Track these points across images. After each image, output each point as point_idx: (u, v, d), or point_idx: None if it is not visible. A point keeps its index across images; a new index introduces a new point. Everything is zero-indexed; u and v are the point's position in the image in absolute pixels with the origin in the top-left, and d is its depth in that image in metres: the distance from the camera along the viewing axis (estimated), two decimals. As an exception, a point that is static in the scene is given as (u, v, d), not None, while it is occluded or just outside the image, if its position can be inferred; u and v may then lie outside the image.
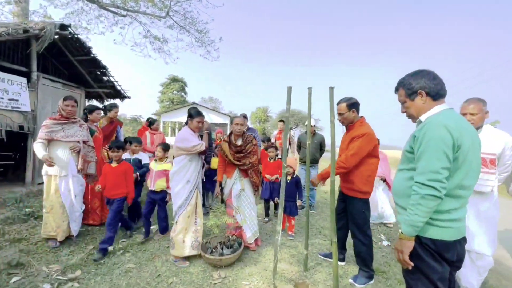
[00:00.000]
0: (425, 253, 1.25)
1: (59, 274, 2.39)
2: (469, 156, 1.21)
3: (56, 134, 2.90)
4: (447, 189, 1.18)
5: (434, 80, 1.33)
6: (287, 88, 2.17)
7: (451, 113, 1.29)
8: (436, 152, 1.18)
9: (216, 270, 2.57)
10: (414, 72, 1.41)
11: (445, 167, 1.17)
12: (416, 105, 1.38)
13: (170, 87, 42.74)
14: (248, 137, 3.09)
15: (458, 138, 1.18)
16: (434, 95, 1.33)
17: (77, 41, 5.08)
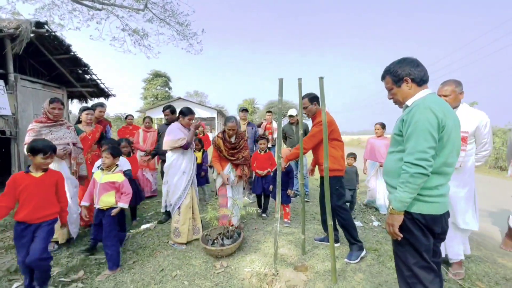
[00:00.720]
0: (414, 227, 1.36)
1: (62, 276, 2.40)
2: (452, 136, 1.31)
3: (45, 137, 2.79)
4: (434, 167, 1.29)
5: (418, 67, 1.42)
6: (278, 80, 2.22)
7: (434, 97, 1.39)
8: (423, 133, 1.27)
9: (218, 260, 2.65)
10: (398, 60, 1.49)
11: (431, 147, 1.26)
12: (402, 91, 1.47)
13: (153, 82, 41.62)
14: (241, 134, 3.31)
15: (442, 119, 1.27)
16: (418, 81, 1.42)
17: (55, 39, 4.86)
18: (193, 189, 3.10)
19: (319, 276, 2.35)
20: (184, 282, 2.32)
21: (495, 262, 2.69)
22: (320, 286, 2.20)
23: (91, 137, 3.50)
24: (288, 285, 2.17)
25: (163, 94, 41.63)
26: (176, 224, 2.97)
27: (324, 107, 2.18)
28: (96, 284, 2.30)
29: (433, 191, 1.33)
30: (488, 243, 3.30)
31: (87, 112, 3.48)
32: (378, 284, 2.24)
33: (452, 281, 2.32)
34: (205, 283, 2.29)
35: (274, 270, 2.34)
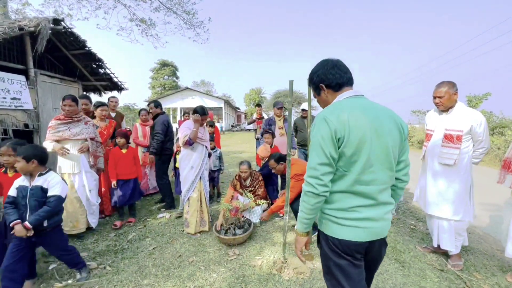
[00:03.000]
0: (331, 251, 1.19)
1: (91, 260, 2.66)
2: (365, 148, 1.09)
3: (63, 134, 3.00)
4: (344, 185, 1.13)
5: (332, 69, 1.24)
6: (289, 82, 2.34)
7: (346, 103, 1.17)
8: (316, 148, 1.13)
9: (231, 248, 2.87)
10: (316, 64, 1.33)
11: (322, 163, 1.11)
12: (322, 99, 1.33)
13: (160, 72, 41.83)
14: (255, 175, 3.61)
15: (338, 130, 1.08)
16: (334, 86, 1.24)
17: (71, 35, 5.03)
18: (202, 184, 3.25)
19: (325, 264, 2.54)
20: (200, 267, 2.55)
21: (493, 255, 2.82)
22: (325, 273, 2.40)
23: (106, 132, 3.70)
24: (296, 271, 2.37)
25: (170, 83, 41.86)
26: (186, 214, 3.21)
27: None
28: (121, 267, 2.56)
29: (348, 214, 1.13)
30: (488, 236, 3.41)
31: (101, 108, 3.65)
32: (379, 273, 2.41)
33: (450, 271, 2.47)
34: (219, 269, 2.51)
35: (283, 258, 2.54)
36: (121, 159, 3.45)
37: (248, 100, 50.00)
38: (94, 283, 2.30)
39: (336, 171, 1.15)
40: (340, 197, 1.15)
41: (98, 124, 3.65)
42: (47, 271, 2.46)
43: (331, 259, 1.19)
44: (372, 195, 1.13)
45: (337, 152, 1.11)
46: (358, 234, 1.13)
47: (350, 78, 1.26)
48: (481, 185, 2.72)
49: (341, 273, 1.17)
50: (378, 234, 1.16)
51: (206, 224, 3.27)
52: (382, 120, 1.14)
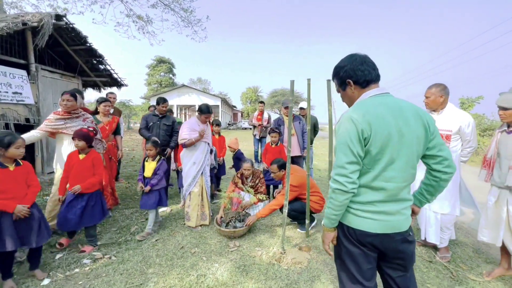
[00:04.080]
0: (345, 239, 1.25)
1: (96, 251, 2.75)
2: (389, 147, 1.13)
3: (58, 128, 2.91)
4: (365, 181, 1.17)
5: (361, 65, 1.23)
6: (290, 81, 2.46)
7: (372, 101, 1.19)
8: (343, 147, 1.15)
9: (231, 241, 2.99)
10: (342, 59, 1.31)
11: (351, 162, 1.14)
12: (347, 95, 1.32)
13: (157, 69, 41.56)
14: (256, 173, 3.70)
15: (364, 130, 1.11)
16: (361, 83, 1.24)
17: (73, 31, 5.07)
18: (203, 179, 3.35)
19: (321, 255, 2.68)
20: (202, 257, 2.66)
21: (479, 248, 3.00)
22: (321, 263, 2.53)
23: (108, 128, 3.78)
24: (293, 261, 2.50)
25: (167, 80, 41.62)
26: (187, 208, 3.32)
27: (331, 107, 2.43)
28: (126, 257, 2.65)
29: (365, 206, 1.19)
30: (474, 231, 3.60)
31: (104, 104, 3.72)
32: (372, 263, 2.56)
33: (438, 263, 2.63)
34: (221, 259, 2.63)
35: (282, 249, 2.67)
36: (75, 166, 2.64)
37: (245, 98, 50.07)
38: (101, 271, 2.39)
39: (362, 167, 1.18)
40: (360, 191, 1.19)
41: (101, 119, 3.72)
42: (54, 260, 2.55)
43: (344, 245, 1.26)
44: (391, 191, 1.17)
45: (363, 150, 1.14)
46: (373, 225, 1.18)
47: (378, 75, 1.25)
48: (470, 184, 2.89)
49: (351, 260, 1.24)
50: (394, 227, 1.18)
51: (206, 218, 3.38)
52: (407, 119, 1.15)
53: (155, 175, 3.14)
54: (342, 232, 1.28)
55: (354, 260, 1.24)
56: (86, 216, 2.64)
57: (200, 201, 3.32)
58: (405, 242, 1.22)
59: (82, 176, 2.65)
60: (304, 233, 3.15)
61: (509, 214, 2.20)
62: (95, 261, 2.55)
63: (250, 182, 3.59)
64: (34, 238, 2.14)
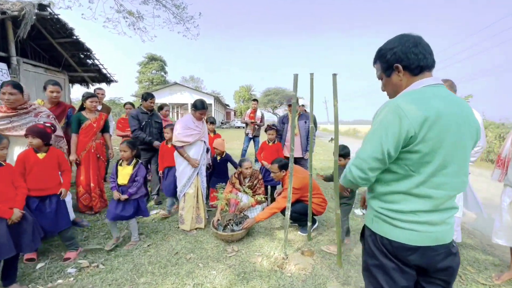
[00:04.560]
0: (378, 251, 1.08)
1: (82, 258, 2.52)
2: (443, 149, 0.95)
3: (5, 131, 2.46)
4: (408, 187, 1.00)
5: (415, 48, 1.03)
6: (293, 75, 2.30)
7: (426, 92, 1.00)
8: (374, 139, 1.01)
9: (229, 245, 2.81)
10: (391, 39, 1.11)
11: (375, 158, 1.01)
12: (392, 82, 1.11)
13: (148, 66, 40.85)
14: (255, 174, 3.52)
15: (413, 126, 0.92)
16: (413, 69, 1.04)
17: (58, 22, 4.76)
18: (199, 179, 3.16)
19: (325, 260, 2.53)
20: (198, 264, 2.48)
21: (485, 250, 2.92)
22: (326, 269, 2.39)
23: (96, 125, 3.51)
24: (297, 267, 2.35)
25: (158, 78, 40.98)
26: (182, 211, 3.12)
27: (337, 103, 2.28)
28: (116, 265, 2.44)
29: (405, 216, 1.01)
30: (479, 232, 3.54)
31: (91, 99, 3.44)
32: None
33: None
34: (218, 266, 2.45)
35: (284, 254, 2.51)
36: (35, 167, 2.29)
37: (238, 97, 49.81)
38: (87, 282, 2.18)
39: (399, 168, 1.01)
40: (400, 198, 1.02)
41: (88, 116, 3.46)
42: (34, 271, 2.31)
43: (375, 257, 1.09)
44: (439, 200, 0.99)
45: (398, 151, 0.98)
46: (413, 237, 1.00)
47: (434, 61, 1.06)
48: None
49: (383, 275, 1.07)
50: (437, 239, 1.01)
51: (202, 221, 3.19)
52: (467, 117, 1.00)
53: (133, 182, 2.71)
54: (373, 241, 1.11)
55: (388, 275, 1.06)
56: (54, 222, 2.38)
57: (195, 203, 3.13)
58: (450, 255, 1.05)
59: (49, 177, 2.37)
60: (305, 236, 3.00)
61: (524, 216, 2.10)
62: (80, 270, 2.33)
63: (248, 182, 3.42)
64: (29, 242, 2.07)
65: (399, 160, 1.01)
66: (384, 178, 1.07)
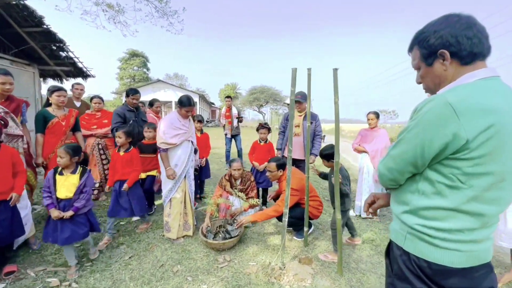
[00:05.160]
0: (412, 275, 0.92)
1: (52, 275, 2.21)
2: (502, 159, 0.78)
3: None
4: (457, 203, 0.82)
5: (468, 30, 0.83)
6: (291, 69, 2.11)
7: (481, 87, 0.80)
8: (412, 140, 0.87)
9: (220, 254, 2.59)
10: (436, 20, 0.90)
11: (408, 162, 0.89)
12: (435, 73, 0.91)
13: (130, 62, 39.29)
14: (247, 175, 3.29)
15: (468, 130, 0.75)
16: (464, 56, 0.84)
17: (25, 9, 4.27)
18: (187, 183, 2.91)
19: (325, 268, 2.37)
20: (187, 277, 2.24)
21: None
22: (327, 278, 2.23)
23: (65, 123, 3.10)
24: (296, 278, 2.17)
25: (140, 75, 39.54)
26: (167, 218, 2.85)
27: (338, 100, 2.11)
28: (91, 282, 2.15)
29: (450, 235, 0.84)
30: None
31: (58, 94, 3.00)
32: (380, 274, 2.31)
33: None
34: (209, 278, 2.23)
35: (281, 263, 2.33)
36: None
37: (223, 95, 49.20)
38: (56, 305, 1.88)
39: (445, 178, 0.83)
40: (445, 215, 0.84)
41: (55, 113, 3.04)
42: None
43: (408, 281, 0.93)
44: (489, 218, 0.83)
45: (440, 158, 0.82)
46: (457, 258, 0.84)
47: (490, 48, 0.86)
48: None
49: None
50: (480, 258, 0.86)
51: (190, 228, 2.94)
52: None
53: (80, 194, 2.22)
54: (405, 263, 0.93)
55: None
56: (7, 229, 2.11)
57: (183, 208, 2.87)
58: (491, 273, 0.89)
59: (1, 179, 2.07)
60: (301, 241, 2.83)
61: (528, 218, 2.04)
62: (50, 291, 2.02)
63: (240, 185, 3.20)
64: None
65: (445, 168, 0.83)
66: (423, 189, 0.89)
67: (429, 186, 0.88)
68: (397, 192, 1.01)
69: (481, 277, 0.87)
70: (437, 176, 0.86)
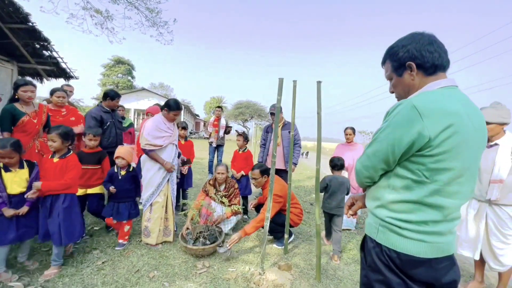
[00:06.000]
0: (384, 266, 0.99)
1: (16, 279, 2.06)
2: (461, 156, 0.89)
3: None
4: (420, 195, 0.92)
5: (430, 45, 0.97)
6: (278, 79, 2.23)
7: (443, 94, 0.92)
8: (385, 139, 0.96)
9: (199, 260, 2.54)
10: (403, 37, 1.05)
11: (381, 160, 0.98)
12: (404, 82, 1.04)
13: (114, 69, 38.59)
14: (231, 182, 3.31)
15: (432, 129, 0.86)
16: (428, 68, 0.98)
17: (10, 5, 4.18)
18: (169, 187, 2.87)
19: (303, 274, 2.40)
20: (163, 283, 2.17)
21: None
22: (305, 285, 2.25)
23: (37, 120, 2.86)
24: (275, 284, 2.17)
25: (125, 82, 38.83)
26: (147, 222, 2.77)
27: (320, 111, 2.25)
28: (60, 287, 2.03)
29: (416, 226, 0.93)
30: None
31: (24, 88, 2.71)
32: (356, 281, 2.37)
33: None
34: (187, 284, 2.17)
35: (261, 269, 2.32)
36: None
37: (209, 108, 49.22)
38: (19, 310, 1.75)
39: (412, 174, 0.93)
40: (411, 208, 0.94)
41: (24, 110, 2.77)
42: None
43: (380, 272, 1.00)
44: (450, 210, 0.93)
45: (407, 154, 0.93)
46: (423, 249, 0.92)
47: (448, 61, 1.00)
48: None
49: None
50: (444, 250, 0.95)
51: (170, 234, 2.87)
52: (481, 122, 0.95)
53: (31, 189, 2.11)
54: (378, 254, 1.00)
55: None
56: None
57: (164, 213, 2.81)
58: (453, 266, 0.98)
59: None
60: (281, 249, 2.85)
61: (488, 228, 2.22)
62: (12, 296, 1.88)
63: (223, 191, 3.20)
64: None
65: (412, 164, 0.93)
66: (393, 185, 0.98)
67: (398, 181, 0.97)
68: (371, 189, 1.11)
69: (445, 269, 0.95)
70: (405, 172, 0.95)
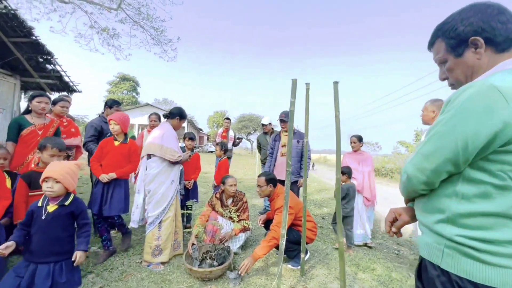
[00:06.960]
0: None
1: None
2: None
3: None
4: (506, 206, 0.69)
5: (501, 15, 0.76)
6: (291, 80, 2.04)
7: None
8: (448, 131, 0.75)
9: (206, 284, 2.26)
10: (458, 10, 0.84)
11: (446, 159, 0.74)
12: (466, 63, 0.82)
13: (119, 86, 39.39)
14: (239, 195, 3.05)
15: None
16: (500, 42, 0.77)
17: (14, 18, 4.16)
18: (178, 199, 2.74)
19: (325, 301, 2.10)
20: (166, 313, 1.89)
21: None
22: (329, 313, 1.94)
23: (42, 132, 2.71)
24: (294, 313, 1.87)
25: (129, 99, 39.51)
26: (157, 241, 2.53)
27: (338, 113, 2.04)
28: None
29: (504, 248, 0.68)
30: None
31: (39, 99, 2.66)
32: (387, 308, 2.05)
33: None
34: (192, 314, 1.89)
35: (277, 295, 2.03)
36: None
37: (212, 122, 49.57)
38: None
39: (491, 177, 0.70)
40: (492, 223, 0.69)
41: (33, 121, 2.68)
42: None
43: None
44: None
45: (485, 152, 0.70)
46: (510, 278, 0.67)
47: None
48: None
49: None
50: None
51: (180, 246, 2.75)
52: None
53: None
54: (445, 285, 0.75)
55: None
56: None
57: (174, 227, 2.65)
58: None
59: None
60: (297, 270, 2.55)
61: None
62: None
63: (231, 205, 2.94)
64: None
65: (492, 164, 0.70)
66: (462, 192, 0.74)
67: (471, 188, 0.73)
68: (427, 199, 0.85)
69: None
70: (482, 175, 0.71)
